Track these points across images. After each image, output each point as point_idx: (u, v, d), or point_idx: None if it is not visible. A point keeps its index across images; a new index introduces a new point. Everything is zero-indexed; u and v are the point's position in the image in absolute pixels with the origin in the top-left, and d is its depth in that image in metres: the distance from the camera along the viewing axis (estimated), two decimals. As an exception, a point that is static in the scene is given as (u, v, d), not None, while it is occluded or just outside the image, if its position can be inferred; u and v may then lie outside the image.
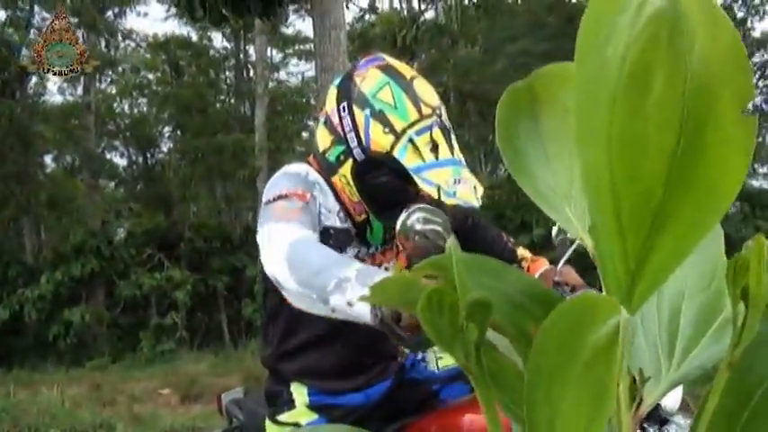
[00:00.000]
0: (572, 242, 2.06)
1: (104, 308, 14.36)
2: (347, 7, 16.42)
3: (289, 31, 20.68)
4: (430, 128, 1.81)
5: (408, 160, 1.77)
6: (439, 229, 1.65)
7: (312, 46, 10.02)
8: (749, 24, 17.40)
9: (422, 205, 1.70)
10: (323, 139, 1.95)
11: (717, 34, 0.36)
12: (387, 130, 1.81)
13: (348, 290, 1.39)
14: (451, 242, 0.46)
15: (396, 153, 1.78)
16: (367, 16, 18.67)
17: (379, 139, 1.82)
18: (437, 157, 1.78)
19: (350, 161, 1.88)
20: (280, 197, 1.78)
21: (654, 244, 0.39)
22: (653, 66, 0.36)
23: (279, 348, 2.07)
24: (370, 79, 1.89)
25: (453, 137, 1.86)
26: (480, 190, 1.77)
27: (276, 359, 2.07)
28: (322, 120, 1.98)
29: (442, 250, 1.56)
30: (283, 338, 2.05)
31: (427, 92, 1.90)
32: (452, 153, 1.81)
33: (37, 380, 10.47)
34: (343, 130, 1.88)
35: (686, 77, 0.36)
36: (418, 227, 1.64)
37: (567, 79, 0.51)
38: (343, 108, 1.89)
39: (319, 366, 2.01)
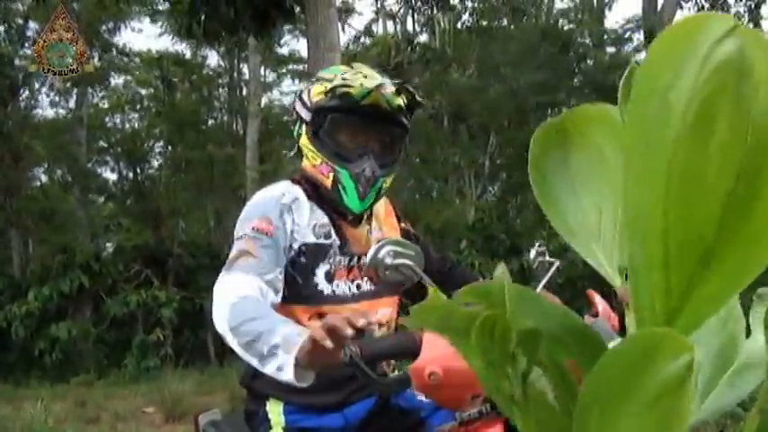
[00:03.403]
0: (551, 265, 2.05)
1: (91, 324, 14.25)
2: (343, 30, 16.53)
3: (283, 50, 20.76)
4: (359, 70, 2.02)
5: (339, 85, 1.94)
6: (410, 262, 1.63)
7: (306, 66, 10.06)
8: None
9: (393, 239, 1.70)
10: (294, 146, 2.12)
11: None
12: (322, 82, 2.01)
13: (278, 356, 1.49)
14: (501, 270, 0.47)
15: (328, 87, 1.96)
16: (362, 38, 18.80)
17: (317, 90, 2.01)
18: (366, 75, 1.97)
19: (304, 128, 2.03)
20: (244, 236, 1.89)
21: (698, 283, 0.39)
22: (719, 110, 0.37)
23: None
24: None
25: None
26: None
27: (253, 375, 2.02)
28: None
29: (413, 283, 1.56)
30: None
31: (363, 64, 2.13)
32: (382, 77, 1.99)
33: (21, 395, 10.35)
34: (296, 111, 2.08)
35: (749, 125, 0.37)
36: (388, 261, 1.62)
37: (598, 119, 0.52)
38: (297, 100, 2.10)
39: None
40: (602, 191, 0.51)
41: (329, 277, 1.98)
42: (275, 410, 2.00)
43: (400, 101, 1.93)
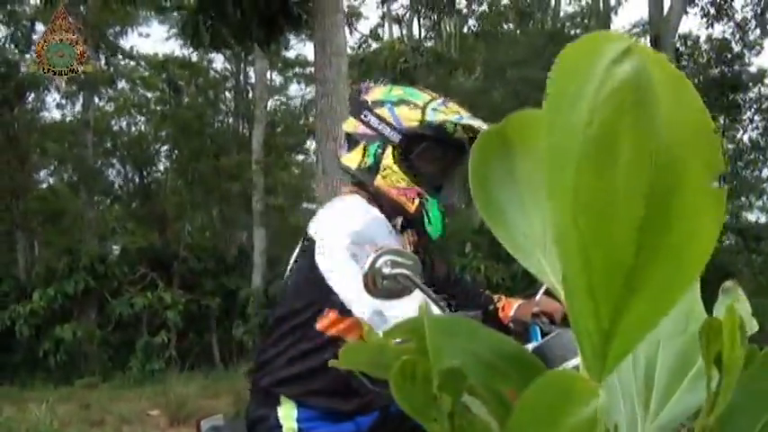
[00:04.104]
0: None
1: (96, 326, 14.26)
2: (350, 33, 16.55)
3: (290, 54, 20.77)
4: (445, 102, 2.03)
5: (439, 118, 1.96)
6: (408, 272, 1.61)
7: (313, 70, 10.06)
8: (746, 59, 17.54)
9: (391, 248, 1.68)
10: (353, 159, 2.07)
11: (683, 104, 0.36)
12: (411, 107, 2.00)
13: None
14: (423, 305, 0.46)
15: (427, 117, 1.97)
16: (368, 42, 18.82)
17: (408, 115, 2.00)
18: (462, 116, 1.98)
19: (389, 149, 2.01)
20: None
21: (626, 306, 0.39)
22: (619, 133, 0.37)
23: (282, 371, 2.00)
24: (375, 90, 2.12)
25: None
26: None
27: (277, 382, 2.00)
28: (343, 153, 2.12)
29: (411, 294, 1.54)
30: (291, 362, 1.99)
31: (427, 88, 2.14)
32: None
33: (26, 396, 10.37)
34: (372, 129, 2.03)
35: (653, 146, 0.36)
36: (386, 270, 1.60)
37: (540, 125, 0.52)
38: (364, 115, 2.05)
39: (322, 387, 1.95)
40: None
41: None
42: (288, 416, 1.97)
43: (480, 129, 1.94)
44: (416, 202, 2.01)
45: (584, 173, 0.37)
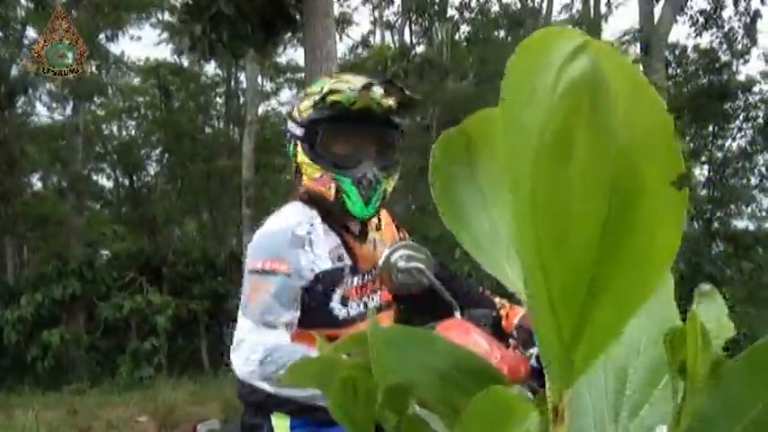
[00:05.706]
0: None
1: (84, 331, 14.18)
2: (340, 39, 16.56)
3: (281, 59, 20.74)
4: (339, 78, 1.98)
5: (331, 97, 1.90)
6: (422, 266, 1.64)
7: (303, 75, 10.04)
8: (733, 68, 17.64)
9: (405, 242, 1.70)
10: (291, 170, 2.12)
11: (641, 103, 0.35)
12: (309, 96, 1.98)
13: None
14: (371, 318, 0.43)
15: (320, 95, 1.92)
16: (359, 48, 18.84)
17: (306, 104, 1.98)
18: (352, 85, 1.92)
19: (299, 146, 2.00)
20: (257, 271, 1.88)
21: (588, 317, 0.38)
22: (575, 134, 0.35)
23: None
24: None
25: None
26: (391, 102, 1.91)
27: (266, 398, 1.95)
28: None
29: (424, 287, 1.56)
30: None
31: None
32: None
33: (13, 403, 10.30)
34: (288, 132, 2.05)
35: (612, 146, 0.35)
36: (401, 264, 1.62)
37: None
38: (287, 120, 2.08)
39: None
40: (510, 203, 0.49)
41: (344, 301, 1.97)
42: (282, 425, 1.98)
43: (390, 101, 1.90)
44: (333, 187, 1.96)
45: (541, 177, 0.36)
